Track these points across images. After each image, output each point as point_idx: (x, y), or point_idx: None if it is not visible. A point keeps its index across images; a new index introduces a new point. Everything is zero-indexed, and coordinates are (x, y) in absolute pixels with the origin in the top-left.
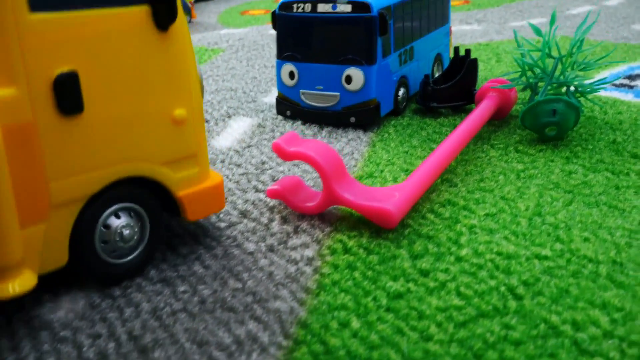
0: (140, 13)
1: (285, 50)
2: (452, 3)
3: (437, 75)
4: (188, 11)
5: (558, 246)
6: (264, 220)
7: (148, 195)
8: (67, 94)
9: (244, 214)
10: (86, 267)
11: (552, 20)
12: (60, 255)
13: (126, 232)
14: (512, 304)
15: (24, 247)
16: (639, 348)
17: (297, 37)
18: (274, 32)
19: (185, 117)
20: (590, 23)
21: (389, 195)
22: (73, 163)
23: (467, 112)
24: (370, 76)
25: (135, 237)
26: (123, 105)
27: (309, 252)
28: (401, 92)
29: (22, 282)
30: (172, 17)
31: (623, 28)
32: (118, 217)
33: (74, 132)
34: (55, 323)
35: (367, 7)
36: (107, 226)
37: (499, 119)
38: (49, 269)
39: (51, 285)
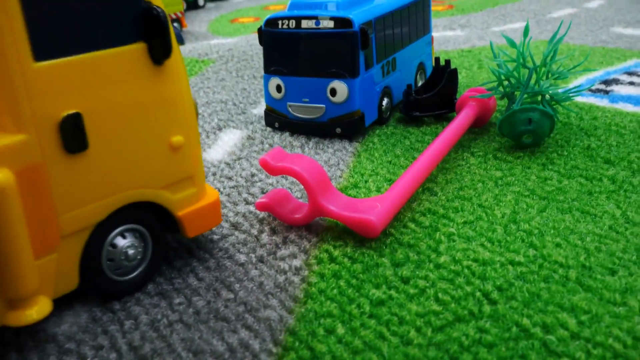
0: (137, 50)
1: (272, 65)
2: (436, 8)
3: (420, 83)
4: (181, 40)
5: (531, 252)
6: (254, 232)
7: (150, 216)
8: (73, 135)
9: (235, 226)
10: (94, 286)
11: (526, 32)
12: (72, 279)
13: (131, 251)
14: (487, 308)
15: (39, 277)
16: (603, 348)
17: (282, 52)
18: None
19: (182, 142)
20: (562, 34)
21: (372, 206)
22: (80, 196)
23: (449, 120)
24: (353, 89)
25: (139, 257)
26: (124, 138)
27: (296, 262)
28: (385, 102)
29: (39, 309)
30: (167, 52)
31: (602, 31)
32: (124, 237)
33: (80, 169)
34: (60, 336)
35: (348, 23)
36: (113, 246)
37: (478, 126)
38: (62, 293)
39: (55, 300)
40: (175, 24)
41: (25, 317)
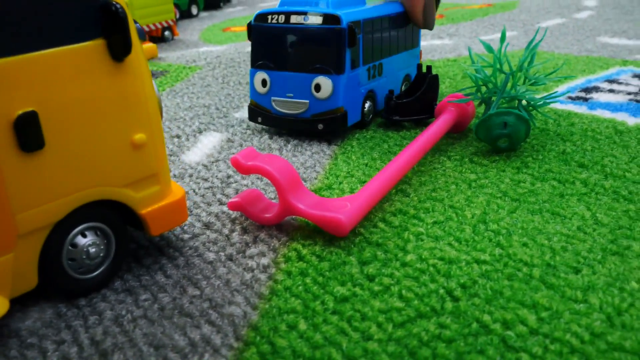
0: (95, 47)
1: (259, 59)
2: None
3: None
4: (143, 37)
5: (497, 251)
6: (226, 231)
7: (112, 214)
8: (28, 133)
9: (207, 225)
10: (55, 284)
11: (502, 38)
12: (30, 279)
13: (92, 250)
14: (449, 305)
15: None
16: (561, 344)
17: (270, 47)
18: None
19: (145, 140)
20: (538, 40)
21: (341, 206)
22: (37, 195)
23: (428, 125)
24: (338, 85)
25: (101, 254)
26: (83, 136)
27: (265, 260)
28: (367, 105)
29: None
30: (127, 49)
31: (588, 40)
32: (84, 235)
33: (36, 167)
34: (23, 331)
35: (337, 19)
36: (74, 245)
37: (457, 132)
38: (20, 292)
39: (20, 296)
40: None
41: None
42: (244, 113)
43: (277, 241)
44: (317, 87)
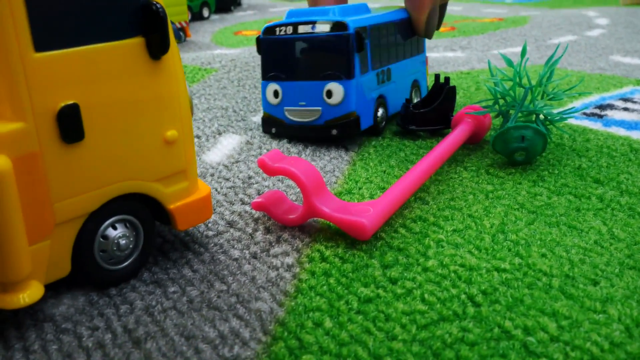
0: (135, 45)
1: (270, 71)
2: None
3: (415, 101)
4: (179, 37)
5: (517, 260)
6: (249, 230)
7: (142, 207)
8: (70, 125)
9: (230, 224)
10: (86, 274)
11: (523, 52)
12: (64, 266)
13: (122, 241)
14: (471, 310)
15: (32, 262)
16: (581, 352)
17: (280, 58)
18: None
19: (176, 137)
20: (558, 56)
21: (364, 210)
22: (75, 185)
23: (444, 135)
24: (349, 90)
25: (131, 246)
26: (120, 130)
27: (289, 260)
28: (380, 111)
29: (31, 294)
30: (165, 47)
31: (601, 59)
32: (115, 228)
33: (75, 158)
34: (58, 316)
35: (344, 26)
36: (105, 237)
37: (473, 143)
38: (54, 279)
39: (52, 284)
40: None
41: (16, 300)
42: (260, 117)
43: (300, 242)
44: (329, 94)
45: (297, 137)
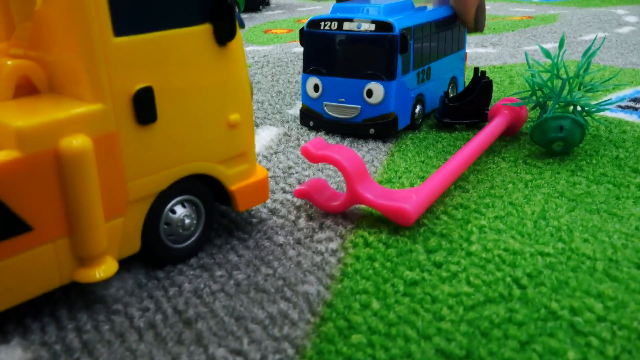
0: (204, 31)
1: (311, 65)
2: None
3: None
4: (242, 25)
5: (560, 245)
6: (292, 217)
7: (205, 188)
8: (144, 107)
9: (273, 211)
10: (151, 251)
11: (561, 44)
12: (135, 243)
13: (187, 221)
14: (516, 292)
15: (108, 238)
16: (628, 330)
17: (322, 53)
18: (297, 51)
19: (239, 120)
20: (596, 48)
21: (407, 197)
22: (147, 165)
23: (480, 128)
24: (389, 91)
25: (192, 227)
26: (189, 113)
27: (333, 245)
28: (418, 109)
29: (106, 268)
30: (231, 34)
31: (633, 54)
32: (183, 206)
33: (148, 139)
34: (108, 298)
35: (389, 27)
36: (173, 212)
37: (510, 135)
38: (126, 255)
39: None
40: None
41: (93, 274)
42: (296, 110)
43: (344, 228)
44: (369, 93)
45: (333, 132)
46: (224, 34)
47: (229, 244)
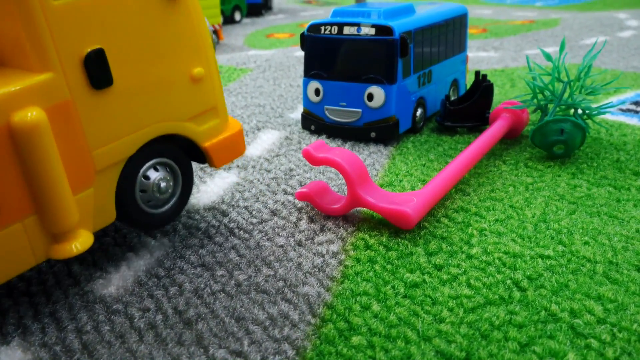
0: None
1: (312, 69)
2: (470, 31)
3: (453, 98)
4: None
5: (560, 248)
6: (293, 219)
7: (178, 149)
8: (97, 70)
9: (274, 212)
10: (129, 218)
11: (562, 47)
12: (109, 213)
13: (162, 184)
14: (517, 294)
15: (79, 211)
16: (628, 332)
17: (323, 57)
18: (299, 55)
19: (203, 74)
20: (597, 51)
21: (408, 200)
22: (110, 131)
23: (481, 132)
24: (390, 94)
25: (170, 190)
26: (147, 73)
27: (334, 247)
28: (419, 112)
29: (82, 242)
30: None
31: (634, 58)
32: (156, 170)
33: (107, 104)
34: (108, 297)
35: (389, 31)
36: (146, 178)
37: (511, 138)
38: (102, 226)
39: (101, 263)
40: None
41: (69, 249)
42: (298, 114)
43: (345, 231)
44: (370, 97)
45: (335, 135)
46: None
47: (230, 243)
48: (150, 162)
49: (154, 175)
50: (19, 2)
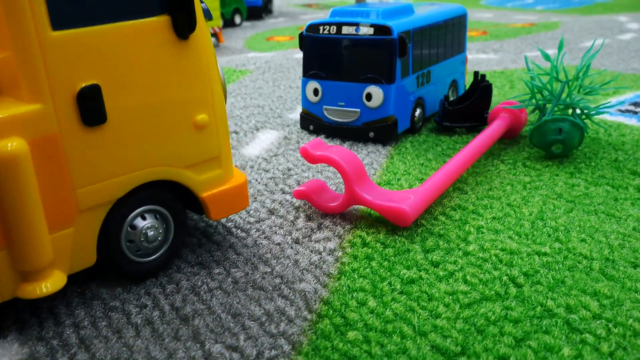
0: (160, 23)
1: (311, 69)
2: (470, 33)
3: (452, 99)
4: (209, 16)
5: (557, 245)
6: (290, 217)
7: (172, 198)
8: (90, 107)
9: (271, 211)
10: (114, 265)
11: (560, 47)
12: (89, 255)
13: (150, 233)
14: (513, 290)
15: (54, 251)
16: (623, 327)
17: (322, 57)
18: (299, 57)
19: (207, 121)
20: (595, 50)
21: (405, 197)
22: (98, 171)
23: (480, 132)
24: (389, 94)
25: (159, 238)
26: (146, 113)
27: (331, 245)
28: (417, 112)
29: (53, 282)
30: (192, 26)
31: (634, 60)
32: (144, 218)
33: (98, 142)
34: (105, 295)
35: (388, 30)
36: (133, 227)
37: (510, 138)
38: (79, 269)
39: (100, 263)
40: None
41: (37, 289)
42: (297, 114)
43: (342, 228)
44: (369, 97)
45: (334, 135)
46: (184, 26)
47: (227, 242)
48: (141, 209)
49: (141, 223)
50: (15, 29)
